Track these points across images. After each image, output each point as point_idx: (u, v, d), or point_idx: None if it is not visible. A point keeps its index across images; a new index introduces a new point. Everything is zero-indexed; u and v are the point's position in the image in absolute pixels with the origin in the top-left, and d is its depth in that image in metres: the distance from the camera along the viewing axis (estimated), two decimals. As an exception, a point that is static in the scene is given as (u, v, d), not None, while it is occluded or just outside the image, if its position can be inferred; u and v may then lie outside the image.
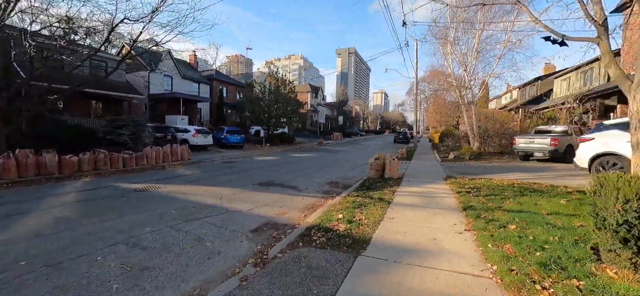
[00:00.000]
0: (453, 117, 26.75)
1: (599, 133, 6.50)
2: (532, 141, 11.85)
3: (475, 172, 9.73)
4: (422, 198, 5.96)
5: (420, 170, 10.42)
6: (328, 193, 7.20)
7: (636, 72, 3.67)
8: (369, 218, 4.47)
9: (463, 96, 16.91)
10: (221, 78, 32.70)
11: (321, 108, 56.90)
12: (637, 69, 3.64)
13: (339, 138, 38.90)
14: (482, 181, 7.67)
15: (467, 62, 15.36)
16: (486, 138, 15.49)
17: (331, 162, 14.47)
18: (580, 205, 4.75)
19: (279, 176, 9.66)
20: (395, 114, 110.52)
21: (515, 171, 9.75)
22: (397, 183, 7.55)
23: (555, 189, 6.38)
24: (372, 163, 8.57)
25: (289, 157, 16.80)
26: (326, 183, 8.64)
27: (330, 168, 11.91)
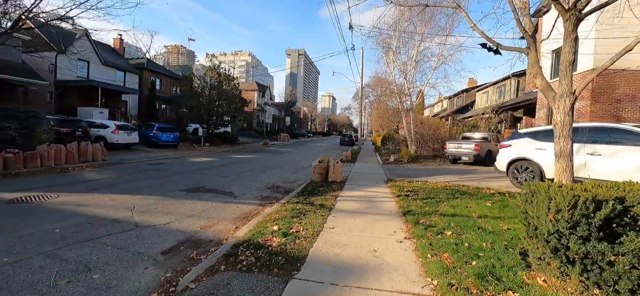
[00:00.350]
0: (394, 122, 28.46)
1: (515, 141, 7.28)
2: (459, 146, 13.03)
3: (413, 175, 10.18)
4: (364, 203, 5.79)
5: (363, 173, 10.49)
6: (267, 199, 6.59)
7: (560, 84, 3.94)
8: (307, 229, 4.03)
9: (403, 102, 17.94)
10: (154, 69, 29.09)
11: (268, 108, 55.40)
12: (561, 81, 3.91)
13: (286, 139, 38.19)
14: (419, 184, 7.96)
15: (407, 70, 16.32)
16: (422, 143, 16.64)
17: (275, 163, 13.80)
18: (503, 208, 5.08)
19: (214, 180, 8.66)
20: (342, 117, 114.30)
21: (447, 173, 10.50)
22: (340, 187, 7.33)
23: (481, 191, 6.89)
24: (316, 166, 8.24)
25: (229, 158, 15.58)
26: (266, 187, 8.00)
27: (273, 171, 11.26)
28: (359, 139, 27.43)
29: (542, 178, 6.61)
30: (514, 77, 20.77)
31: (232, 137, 25.78)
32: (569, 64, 3.90)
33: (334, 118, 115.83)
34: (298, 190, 7.08)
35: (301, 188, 7.42)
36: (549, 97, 4.16)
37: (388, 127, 31.10)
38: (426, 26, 15.79)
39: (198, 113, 21.61)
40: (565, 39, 3.82)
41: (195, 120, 23.34)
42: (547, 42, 14.88)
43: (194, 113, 21.78)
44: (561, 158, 3.83)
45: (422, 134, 16.84)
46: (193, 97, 21.29)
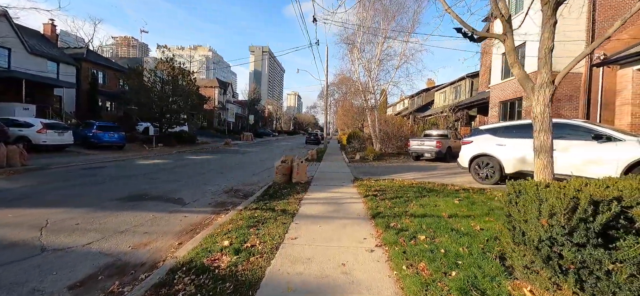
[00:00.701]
0: (359, 120, 28.73)
1: (476, 137, 7.40)
2: (422, 143, 13.29)
3: (380, 173, 10.04)
4: (330, 206, 5.33)
5: (329, 172, 10.10)
6: (222, 206, 5.83)
7: (539, 73, 3.78)
8: (265, 242, 3.44)
9: (367, 100, 17.99)
10: (96, 60, 25.83)
11: (231, 106, 52.97)
12: (540, 71, 3.75)
13: (249, 138, 36.69)
14: (386, 182, 7.76)
15: (371, 68, 16.34)
16: (387, 141, 16.82)
17: (236, 164, 12.85)
18: (471, 205, 4.97)
19: (161, 185, 7.61)
20: (308, 116, 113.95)
21: (412, 170, 10.55)
22: (304, 189, 6.81)
23: (446, 188, 6.86)
24: (279, 167, 7.62)
25: (185, 159, 14.22)
26: (224, 191, 7.20)
27: (233, 172, 10.37)
28: (325, 138, 27.19)
29: (501, 173, 6.76)
30: (469, 77, 22.06)
31: (189, 136, 23.90)
32: (548, 51, 3.79)
33: (300, 117, 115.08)
34: (258, 194, 6.41)
35: (262, 191, 6.76)
36: (526, 88, 4.01)
37: (353, 125, 31.35)
38: (389, 25, 15.95)
39: (149, 110, 19.55)
40: (544, 23, 3.67)
41: (146, 118, 21.16)
42: (496, 47, 15.90)
43: (144, 111, 19.68)
44: (541, 153, 3.70)
45: (387, 132, 17.02)
46: (143, 92, 19.18)
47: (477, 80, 21.30)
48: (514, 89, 14.36)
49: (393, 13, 15.16)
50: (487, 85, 19.55)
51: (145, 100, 18.95)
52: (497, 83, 15.83)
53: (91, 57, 25.37)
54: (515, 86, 14.34)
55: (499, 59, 15.75)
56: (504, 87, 15.25)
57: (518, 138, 6.51)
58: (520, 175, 6.56)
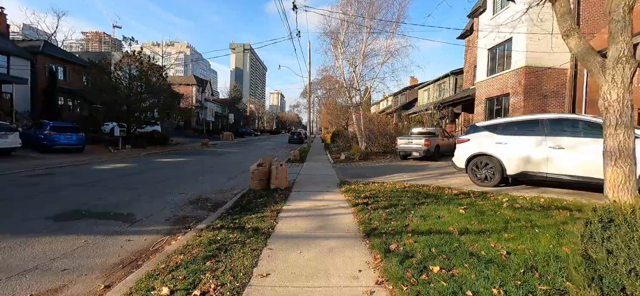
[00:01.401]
0: (343, 119, 28.04)
1: (473, 135, 6.75)
2: (410, 142, 12.68)
3: (367, 174, 9.26)
4: (314, 220, 4.43)
5: (313, 175, 9.19)
6: (183, 222, 4.77)
7: (612, 45, 2.63)
8: (224, 285, 2.48)
9: (352, 97, 17.24)
10: (55, 54, 23.38)
11: (210, 105, 50.82)
12: (615, 40, 2.59)
13: (229, 138, 35.08)
14: (376, 186, 6.96)
15: (356, 63, 15.57)
16: (373, 139, 16.14)
17: (210, 168, 11.66)
18: (480, 216, 4.23)
19: (112, 196, 6.39)
20: (291, 115, 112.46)
21: (401, 171, 9.85)
22: (284, 197, 5.87)
23: (443, 192, 6.15)
24: (255, 171, 6.62)
25: (153, 163, 12.83)
26: (189, 202, 6.11)
27: (205, 177, 9.23)
28: (308, 137, 26.28)
29: (503, 174, 6.13)
30: (453, 75, 21.86)
31: (162, 137, 22.19)
32: (628, 10, 2.65)
33: (283, 116, 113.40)
34: (228, 205, 5.39)
35: (234, 201, 5.74)
36: (593, 66, 2.97)
37: (337, 123, 30.63)
38: (374, 18, 15.24)
39: (114, 109, 17.76)
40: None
41: (112, 118, 19.30)
42: (483, 39, 15.60)
43: (109, 110, 17.87)
44: (620, 159, 2.67)
45: (373, 131, 16.36)
46: (107, 89, 17.37)
47: (462, 77, 21.14)
48: (501, 86, 14.08)
49: (378, 6, 14.46)
50: (472, 82, 19.37)
51: (110, 97, 17.16)
52: (482, 79, 15.54)
53: (49, 51, 22.94)
54: (501, 82, 14.07)
55: (484, 55, 15.46)
56: (490, 84, 14.97)
57: (521, 135, 5.90)
58: (524, 177, 5.95)
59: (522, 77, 12.74)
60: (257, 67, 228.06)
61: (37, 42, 23.60)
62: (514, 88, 13.19)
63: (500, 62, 14.42)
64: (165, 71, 19.88)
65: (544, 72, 12.70)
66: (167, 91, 20.12)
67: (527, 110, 12.66)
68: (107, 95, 17.15)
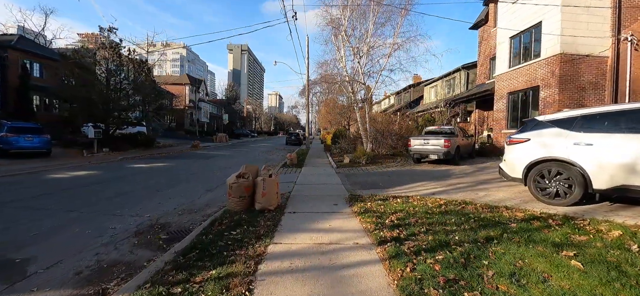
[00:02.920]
0: (344, 118, 26.21)
1: (534, 133, 4.90)
2: (426, 143, 10.84)
3: (381, 183, 7.41)
4: (318, 283, 2.56)
5: (313, 186, 7.32)
6: (99, 279, 2.90)
7: None
8: None
9: (355, 93, 15.39)
10: (28, 49, 21.38)
11: (204, 105, 48.84)
12: None
13: (223, 139, 33.15)
14: (400, 202, 5.11)
15: (361, 53, 13.72)
16: (381, 140, 14.30)
17: (190, 175, 9.78)
18: (607, 272, 2.37)
19: (22, 224, 4.51)
20: (289, 116, 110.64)
21: (422, 178, 7.99)
22: (272, 226, 3.99)
23: (500, 213, 4.31)
24: (233, 185, 4.73)
25: (124, 170, 10.91)
26: (135, 232, 4.24)
27: (178, 188, 7.35)
28: (307, 138, 24.42)
29: (586, 188, 4.28)
30: (464, 69, 20.08)
31: (147, 139, 20.24)
32: None
33: (281, 117, 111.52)
34: (185, 244, 3.49)
35: (197, 233, 3.86)
36: None
37: (338, 123, 28.80)
38: (380, 3, 13.40)
39: (89, 107, 15.81)
40: None
41: (91, 118, 17.33)
42: (504, 28, 13.81)
43: (84, 108, 15.92)
44: None
45: (380, 130, 14.52)
46: (79, 86, 15.39)
47: (474, 71, 19.34)
48: (528, 78, 12.28)
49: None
50: (487, 76, 17.58)
51: (84, 94, 15.22)
52: (503, 72, 13.74)
53: (22, 45, 20.94)
54: (528, 74, 12.26)
55: (505, 44, 13.67)
56: (513, 76, 13.17)
57: (617, 133, 4.06)
58: (623, 193, 4.10)
59: (556, 66, 10.94)
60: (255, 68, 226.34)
61: (9, 37, 21.62)
62: (545, 80, 11.38)
63: (527, 51, 12.63)
64: (148, 66, 17.91)
65: (581, 60, 10.90)
66: (149, 88, 18.12)
67: (562, 105, 10.85)
68: (81, 92, 15.20)
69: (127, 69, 16.62)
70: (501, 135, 13.76)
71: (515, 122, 13.09)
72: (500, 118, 13.96)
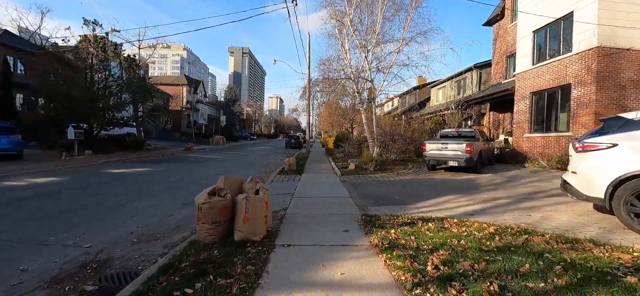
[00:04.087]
0: (347, 121, 24.87)
1: (626, 135, 3.53)
2: (445, 147, 9.47)
3: (397, 197, 6.04)
4: None
5: (315, 199, 5.95)
6: None
7: None
8: None
9: (361, 92, 14.05)
10: (10, 43, 20.09)
11: (202, 107, 47.59)
12: None
13: (220, 142, 31.80)
14: (434, 230, 3.75)
15: (368, 46, 12.39)
16: (391, 143, 12.93)
17: (172, 183, 8.41)
18: None
19: None
20: (289, 119, 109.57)
21: (445, 191, 6.61)
22: (253, 278, 2.60)
23: (591, 254, 2.94)
24: (203, 207, 3.34)
25: (99, 176, 9.56)
26: (50, 280, 2.87)
27: (148, 202, 5.98)
28: (307, 141, 23.07)
29: None
30: (476, 68, 18.76)
31: (136, 141, 18.89)
32: None
33: (282, 120, 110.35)
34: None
35: (134, 288, 2.47)
36: None
37: (340, 126, 27.46)
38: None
39: (70, 106, 14.47)
40: None
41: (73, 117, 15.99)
42: (526, 21, 12.50)
43: (65, 107, 14.58)
44: None
45: (390, 133, 13.16)
46: (61, 83, 14.07)
47: (488, 71, 18.02)
48: (556, 75, 10.93)
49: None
50: (503, 75, 16.25)
51: (65, 91, 13.89)
52: (525, 70, 12.40)
53: (6, 40, 19.68)
54: (557, 71, 10.91)
55: (528, 39, 12.35)
56: (537, 74, 11.82)
57: None
58: None
59: (592, 61, 9.59)
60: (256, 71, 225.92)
61: (-7, 31, 20.38)
62: (578, 77, 10.03)
63: (554, 45, 11.30)
64: (136, 62, 16.55)
65: (621, 54, 9.56)
66: (137, 85, 16.75)
67: (600, 106, 9.50)
68: (61, 89, 13.88)
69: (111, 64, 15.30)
70: (523, 139, 12.39)
71: (541, 125, 11.73)
72: (521, 121, 12.58)
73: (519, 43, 13.07)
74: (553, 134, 11.00)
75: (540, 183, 7.40)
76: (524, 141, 12.37)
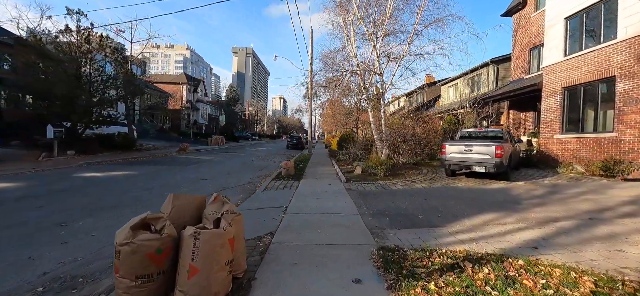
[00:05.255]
0: (351, 119, 23.48)
1: None
2: (469, 150, 8.04)
3: (420, 215, 4.65)
4: None
5: (312, 218, 4.58)
6: None
7: None
8: None
9: (368, 87, 12.66)
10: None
11: (203, 106, 46.51)
12: None
13: (219, 142, 30.60)
14: (493, 281, 2.40)
15: (377, 34, 10.98)
16: (399, 146, 11.53)
17: (143, 191, 7.11)
18: None
19: None
20: (293, 119, 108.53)
21: (480, 206, 5.20)
22: None
23: None
24: (122, 251, 2.01)
25: (65, 180, 8.31)
26: None
27: (102, 216, 4.68)
28: (310, 142, 21.73)
29: None
30: (493, 64, 17.24)
31: (126, 140, 17.70)
32: None
33: (285, 120, 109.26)
34: None
35: None
36: None
37: (344, 126, 26.07)
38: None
39: (51, 102, 13.28)
40: None
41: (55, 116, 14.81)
42: (556, 7, 11.03)
43: (43, 103, 13.40)
44: None
45: (402, 133, 11.74)
46: (39, 77, 12.87)
47: (507, 66, 16.50)
48: (595, 67, 9.44)
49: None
50: (525, 70, 14.74)
51: (42, 86, 12.71)
52: (556, 62, 10.92)
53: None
54: (597, 62, 9.42)
55: (559, 28, 10.87)
56: (571, 66, 10.34)
57: None
58: None
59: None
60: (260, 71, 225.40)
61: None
62: (626, 69, 8.55)
63: (593, 33, 9.81)
64: (123, 54, 15.29)
65: (679, 40, 8.06)
66: (124, 80, 15.46)
67: (654, 101, 8.01)
68: (40, 83, 12.69)
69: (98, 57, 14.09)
70: (552, 141, 10.91)
71: (575, 125, 10.24)
72: (550, 120, 11.10)
73: (547, 32, 11.58)
74: (592, 135, 9.51)
75: (596, 196, 5.96)
76: (553, 143, 10.88)
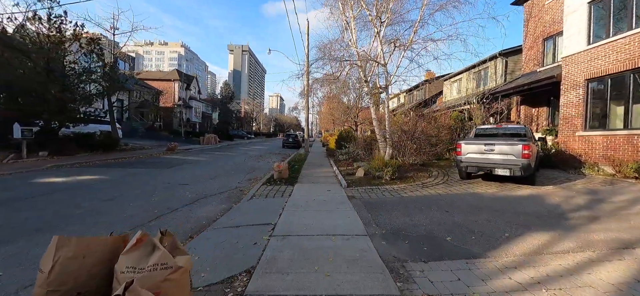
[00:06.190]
0: (350, 117, 22.33)
1: None
2: (490, 149, 6.93)
3: (449, 236, 3.53)
4: None
5: (306, 243, 3.45)
6: None
7: None
8: None
9: (368, 80, 11.51)
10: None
11: (196, 104, 45.09)
12: None
13: (212, 141, 29.32)
14: None
15: (381, 19, 9.82)
16: (405, 145, 10.41)
17: (102, 202, 5.91)
18: None
19: None
20: (289, 118, 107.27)
21: (520, 222, 4.10)
22: None
23: None
24: None
25: (25, 187, 7.10)
26: None
27: (21, 244, 3.47)
28: (306, 140, 20.59)
29: None
30: (502, 56, 16.20)
31: (108, 140, 16.40)
32: None
33: (282, 119, 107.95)
34: None
35: None
36: None
37: (342, 123, 24.92)
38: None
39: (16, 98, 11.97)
40: None
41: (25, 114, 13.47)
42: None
43: (11, 100, 12.09)
44: None
45: (409, 131, 10.63)
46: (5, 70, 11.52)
47: (518, 58, 15.46)
48: (625, 56, 8.40)
49: None
50: (538, 62, 13.70)
51: (8, 79, 11.37)
52: (578, 51, 9.88)
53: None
54: (626, 50, 8.38)
55: (581, 14, 9.83)
56: (595, 56, 9.30)
57: None
58: None
59: (690, 33, 7.05)
60: (256, 69, 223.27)
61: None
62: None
63: (621, 18, 8.77)
64: (100, 45, 13.92)
65: None
66: (102, 73, 14.12)
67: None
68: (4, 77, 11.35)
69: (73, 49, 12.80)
70: (574, 139, 9.88)
71: (601, 121, 9.21)
72: (571, 116, 10.07)
73: (566, 20, 10.53)
74: (622, 132, 8.47)
75: (654, 206, 4.89)
76: (575, 141, 9.85)
